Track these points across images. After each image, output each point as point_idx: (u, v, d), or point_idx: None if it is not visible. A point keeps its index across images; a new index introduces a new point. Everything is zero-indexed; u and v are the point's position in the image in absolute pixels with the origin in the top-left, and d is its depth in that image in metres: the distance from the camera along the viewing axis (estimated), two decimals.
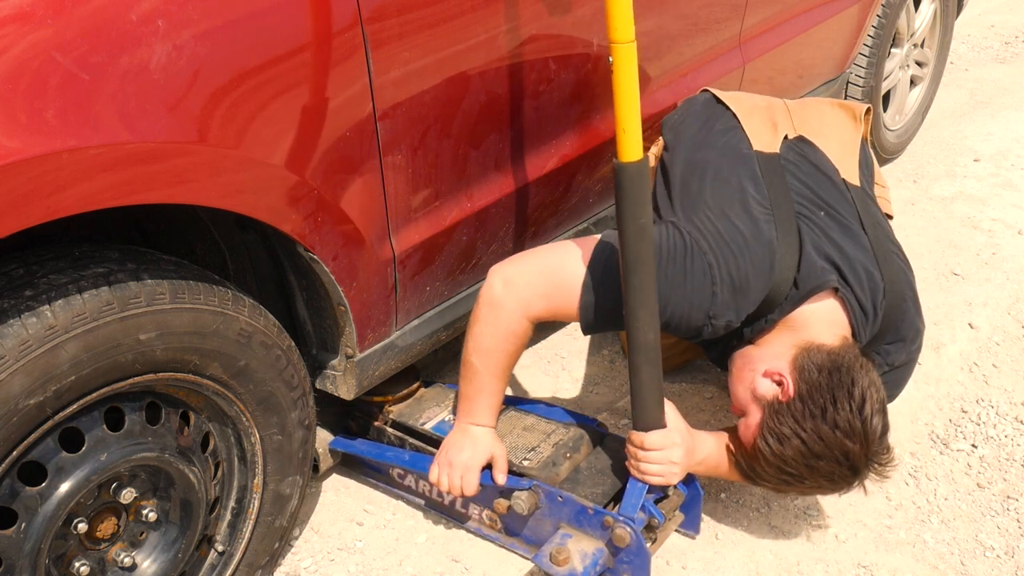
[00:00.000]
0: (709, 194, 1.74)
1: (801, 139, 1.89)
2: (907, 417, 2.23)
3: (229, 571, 1.65)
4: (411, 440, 1.95)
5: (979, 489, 2.02)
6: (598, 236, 1.74)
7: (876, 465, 1.64)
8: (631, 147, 1.50)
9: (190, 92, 1.24)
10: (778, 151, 1.84)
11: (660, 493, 1.76)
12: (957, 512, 1.96)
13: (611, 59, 1.46)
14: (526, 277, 1.72)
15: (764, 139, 1.86)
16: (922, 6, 3.55)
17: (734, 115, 1.93)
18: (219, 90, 1.27)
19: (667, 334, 1.85)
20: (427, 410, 2.00)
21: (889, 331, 1.74)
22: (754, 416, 1.66)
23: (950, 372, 2.38)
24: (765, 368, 1.65)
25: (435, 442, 1.92)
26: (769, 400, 1.63)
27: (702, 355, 2.40)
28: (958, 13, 3.88)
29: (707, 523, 1.93)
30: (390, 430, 1.98)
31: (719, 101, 2.00)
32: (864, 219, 1.78)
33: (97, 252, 1.34)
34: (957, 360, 2.42)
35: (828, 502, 1.98)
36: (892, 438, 2.15)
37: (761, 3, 2.50)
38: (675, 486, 1.77)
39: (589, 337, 2.55)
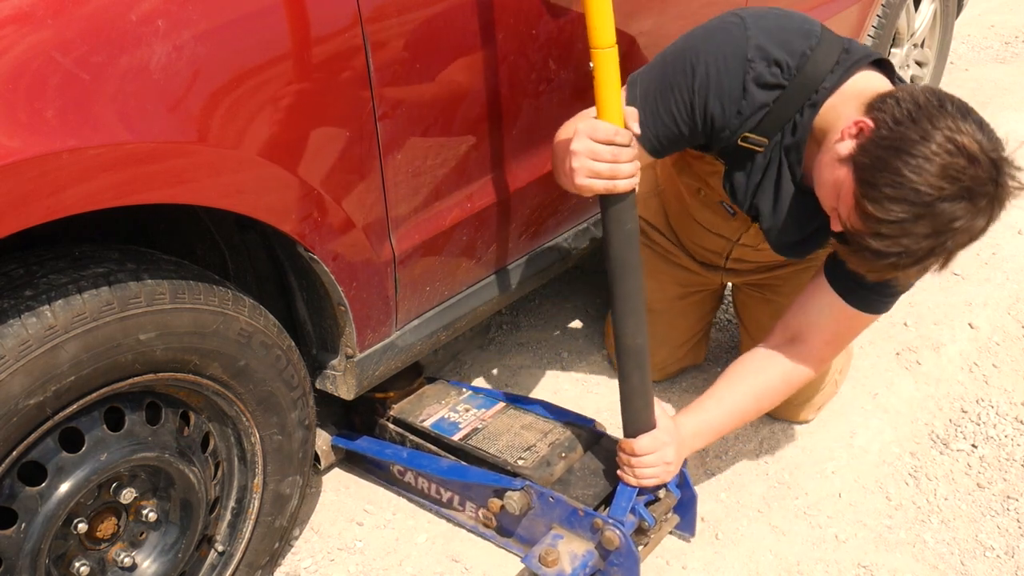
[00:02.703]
0: None
1: None
2: (907, 417, 2.23)
3: (229, 571, 1.65)
4: (411, 437, 1.95)
5: (979, 489, 2.02)
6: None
7: (1006, 163, 1.40)
8: None
9: (190, 92, 1.24)
10: None
11: (651, 496, 1.76)
12: (957, 512, 1.96)
13: (591, 65, 1.45)
14: None
15: None
16: (922, 6, 3.55)
17: None
18: (219, 90, 1.27)
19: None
20: (428, 407, 2.01)
21: None
22: (846, 180, 1.45)
23: (950, 372, 2.38)
24: (841, 132, 1.49)
25: (433, 439, 1.93)
26: (854, 150, 1.44)
27: (700, 359, 2.41)
28: (958, 13, 3.88)
29: (707, 523, 1.93)
30: (391, 426, 1.98)
31: None
32: None
33: (97, 252, 1.34)
34: (957, 360, 2.42)
35: (828, 502, 1.98)
36: (891, 437, 2.17)
37: (761, 3, 2.50)
38: (667, 488, 1.77)
39: (589, 337, 2.55)
